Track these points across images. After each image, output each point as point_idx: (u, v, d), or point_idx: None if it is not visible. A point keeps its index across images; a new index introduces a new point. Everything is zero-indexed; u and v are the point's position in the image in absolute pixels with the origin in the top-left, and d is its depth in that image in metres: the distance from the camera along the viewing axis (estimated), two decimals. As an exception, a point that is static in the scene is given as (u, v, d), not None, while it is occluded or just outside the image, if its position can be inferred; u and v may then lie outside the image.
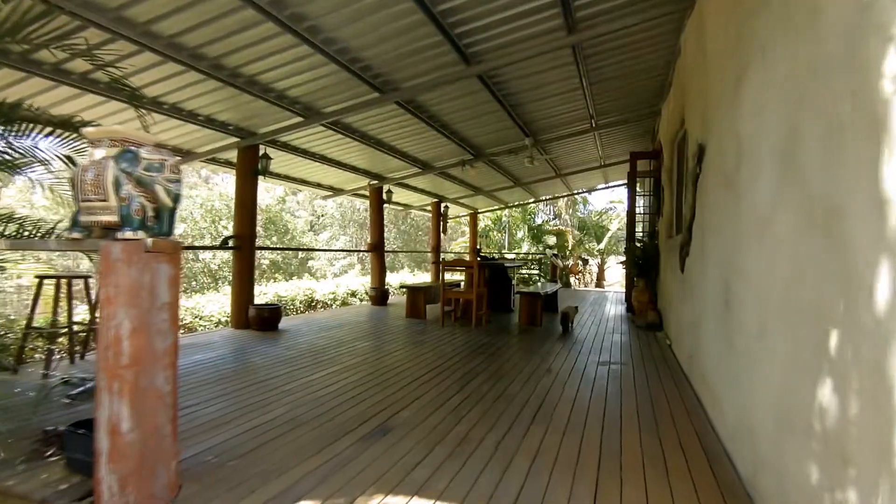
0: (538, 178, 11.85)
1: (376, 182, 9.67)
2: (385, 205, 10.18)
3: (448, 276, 8.37)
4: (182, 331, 7.45)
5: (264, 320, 6.03)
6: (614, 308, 9.24)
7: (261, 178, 6.52)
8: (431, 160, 8.96)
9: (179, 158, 1.98)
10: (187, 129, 5.79)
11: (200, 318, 7.76)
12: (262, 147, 6.43)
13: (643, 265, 7.68)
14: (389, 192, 10.16)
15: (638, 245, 8.11)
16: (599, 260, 19.69)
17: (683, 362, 4.34)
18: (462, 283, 8.92)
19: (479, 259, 7.78)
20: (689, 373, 4.02)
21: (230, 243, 6.23)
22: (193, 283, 15.05)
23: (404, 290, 8.56)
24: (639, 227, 8.70)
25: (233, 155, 6.51)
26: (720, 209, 2.91)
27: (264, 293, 9.39)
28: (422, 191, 11.70)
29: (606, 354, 5.00)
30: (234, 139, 6.18)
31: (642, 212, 8.86)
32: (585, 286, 17.80)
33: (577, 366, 4.49)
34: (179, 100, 5.03)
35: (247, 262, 6.29)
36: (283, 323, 6.55)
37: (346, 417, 3.00)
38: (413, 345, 5.35)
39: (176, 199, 2.03)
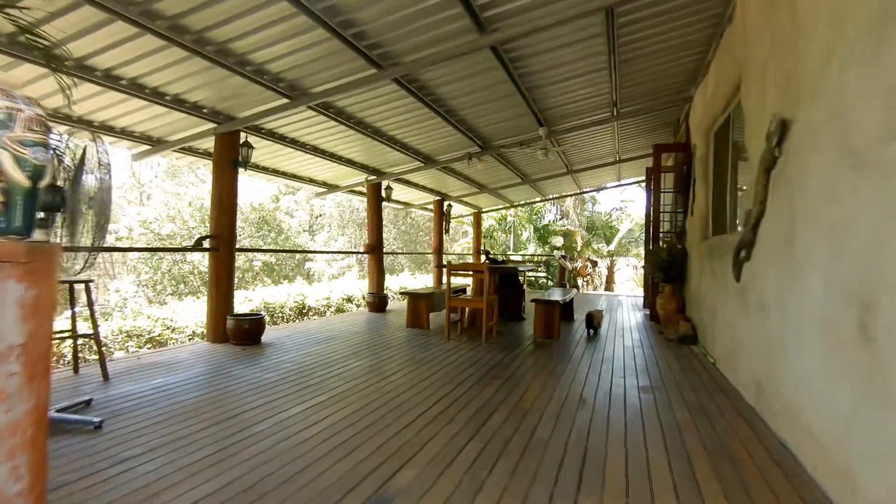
0: (548, 175, 11.09)
1: (374, 178, 8.89)
2: (384, 203, 9.40)
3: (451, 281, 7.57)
4: (149, 346, 6.65)
5: (244, 333, 5.24)
6: (633, 315, 8.47)
7: (249, 172, 5.76)
8: (434, 153, 8.18)
9: (41, 112, 1.17)
10: (154, 112, 5.00)
11: (173, 330, 6.94)
12: (242, 134, 5.64)
13: (669, 269, 6.92)
14: (389, 188, 9.37)
15: (663, 247, 7.33)
16: (609, 262, 18.89)
17: (745, 390, 3.56)
18: (468, 289, 8.15)
19: (488, 262, 6.97)
20: (757, 405, 3.24)
21: (205, 244, 5.44)
22: (182, 286, 14.25)
23: (405, 295, 7.77)
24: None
25: (211, 144, 5.72)
26: (842, 199, 2.13)
27: (250, 299, 8.59)
28: (423, 188, 10.93)
29: (645, 377, 4.22)
30: (211, 125, 5.39)
31: (662, 210, 8.11)
32: (595, 289, 17.00)
33: (614, 392, 3.71)
34: (139, 74, 4.25)
35: (225, 265, 5.50)
36: (268, 335, 5.77)
37: (330, 479, 2.22)
38: (415, 364, 4.57)
39: (37, 173, 1.25)
